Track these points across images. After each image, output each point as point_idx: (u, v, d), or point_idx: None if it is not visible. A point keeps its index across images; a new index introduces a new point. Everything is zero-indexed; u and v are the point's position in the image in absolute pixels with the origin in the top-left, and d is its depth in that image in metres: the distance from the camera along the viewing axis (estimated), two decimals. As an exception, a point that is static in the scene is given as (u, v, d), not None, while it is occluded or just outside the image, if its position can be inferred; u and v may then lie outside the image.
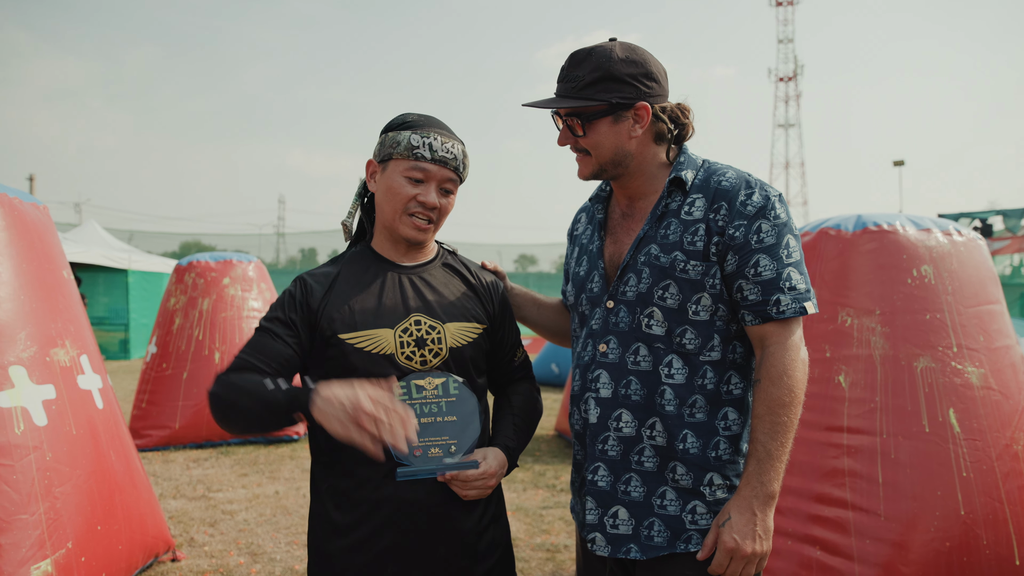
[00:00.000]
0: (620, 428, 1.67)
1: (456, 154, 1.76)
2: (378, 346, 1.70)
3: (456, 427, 1.72)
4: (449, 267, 1.88)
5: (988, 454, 2.94)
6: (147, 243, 30.07)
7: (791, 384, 1.57)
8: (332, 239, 33.95)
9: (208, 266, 7.15)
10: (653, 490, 1.65)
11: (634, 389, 1.66)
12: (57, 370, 3.19)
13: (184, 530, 4.50)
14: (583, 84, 1.66)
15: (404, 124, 1.79)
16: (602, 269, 1.76)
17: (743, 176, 1.67)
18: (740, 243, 1.60)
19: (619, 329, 1.69)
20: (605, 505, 1.69)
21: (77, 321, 3.48)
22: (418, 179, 1.73)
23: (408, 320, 1.73)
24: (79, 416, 3.23)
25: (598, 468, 1.70)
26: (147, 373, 6.88)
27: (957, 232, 3.33)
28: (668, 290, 1.64)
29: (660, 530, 1.64)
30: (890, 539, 2.87)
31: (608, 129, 1.68)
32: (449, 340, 1.75)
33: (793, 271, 1.60)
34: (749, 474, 1.57)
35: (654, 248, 1.67)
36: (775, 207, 1.62)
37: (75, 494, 3.07)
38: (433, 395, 1.72)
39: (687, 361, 1.64)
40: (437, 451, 1.70)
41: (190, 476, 5.79)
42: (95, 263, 14.16)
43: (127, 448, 3.64)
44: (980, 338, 3.13)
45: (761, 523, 1.54)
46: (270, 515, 4.85)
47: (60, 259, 3.54)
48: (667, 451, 1.65)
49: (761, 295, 1.59)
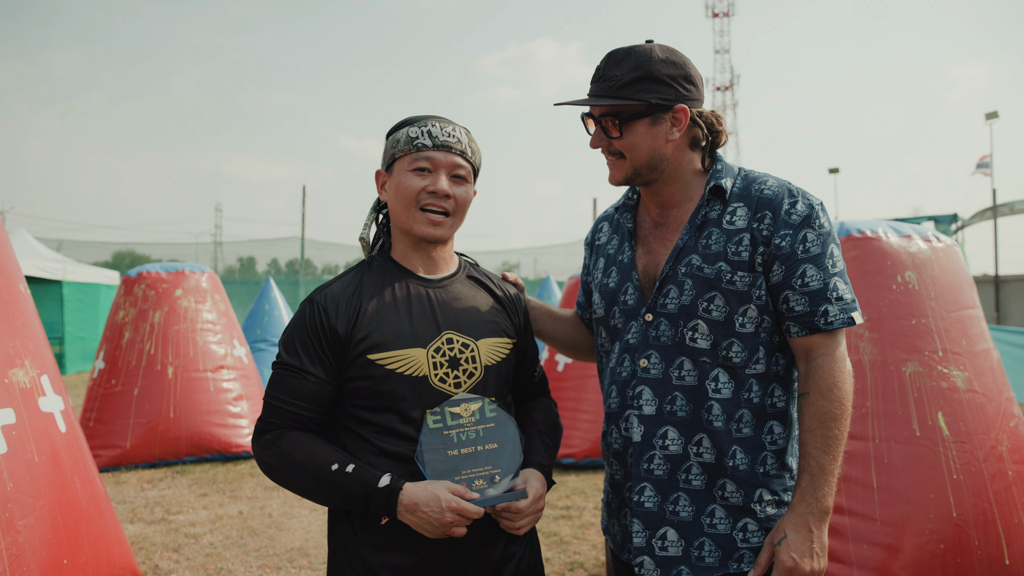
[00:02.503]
0: (666, 446, 1.62)
1: (459, 137, 1.67)
2: (410, 367, 1.60)
3: (496, 454, 1.63)
4: (474, 279, 1.79)
5: (976, 456, 3.00)
6: (77, 252, 28.78)
7: (840, 396, 1.54)
8: (271, 248, 33.11)
9: (159, 277, 6.84)
10: (702, 509, 1.60)
11: (680, 405, 1.61)
12: (17, 392, 2.97)
13: (147, 557, 4.26)
14: (621, 83, 1.60)
15: (401, 123, 1.71)
16: (636, 281, 1.70)
17: (784, 184, 1.64)
18: (787, 253, 1.57)
19: (661, 343, 1.63)
20: (653, 527, 1.63)
21: (36, 338, 3.25)
22: (424, 168, 1.64)
23: (440, 339, 1.64)
24: (41, 441, 3.01)
25: (644, 488, 1.64)
26: (94, 390, 6.53)
27: (936, 238, 3.40)
28: (714, 302, 1.59)
29: (711, 550, 1.59)
30: (886, 543, 2.90)
31: (645, 131, 1.62)
32: (483, 358, 1.67)
33: (839, 281, 1.58)
34: (803, 490, 1.52)
35: (696, 259, 1.62)
36: (819, 216, 1.59)
37: (39, 526, 2.85)
38: (470, 422, 1.62)
39: (733, 375, 1.60)
40: (481, 483, 1.60)
41: (146, 498, 5.50)
42: (27, 274, 13.47)
43: (91, 473, 3.42)
44: (963, 342, 3.19)
45: (818, 540, 1.51)
46: (237, 537, 4.63)
47: (15, 272, 3.31)
48: (716, 468, 1.60)
49: (808, 306, 1.56)
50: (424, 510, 1.49)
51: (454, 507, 1.49)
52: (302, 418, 1.60)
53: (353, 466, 1.54)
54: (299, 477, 1.56)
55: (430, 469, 1.57)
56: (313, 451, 1.56)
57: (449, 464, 1.58)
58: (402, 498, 1.51)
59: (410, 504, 1.50)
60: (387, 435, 1.60)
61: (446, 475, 1.57)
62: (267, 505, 5.33)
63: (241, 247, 46.09)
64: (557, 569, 4.06)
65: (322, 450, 1.57)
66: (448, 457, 1.59)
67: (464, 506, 1.50)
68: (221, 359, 6.81)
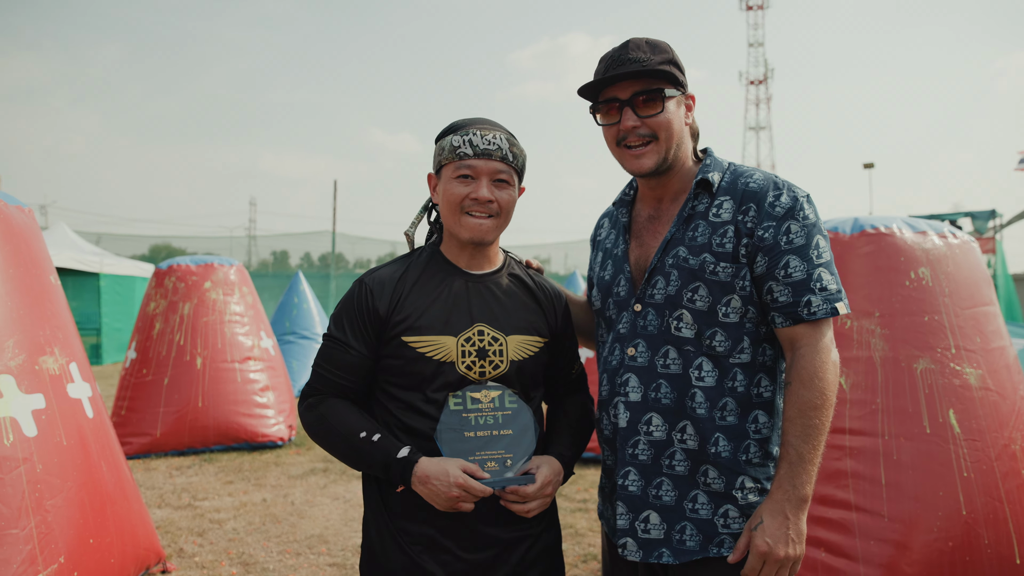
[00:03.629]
0: (651, 432, 1.67)
1: (500, 144, 1.73)
2: (440, 352, 1.70)
3: (511, 440, 1.72)
4: (515, 278, 1.86)
5: (988, 454, 2.98)
6: (116, 246, 29.46)
7: (822, 387, 1.57)
8: (304, 241, 33.56)
9: (189, 270, 7.02)
10: (685, 494, 1.65)
11: (664, 392, 1.66)
12: (46, 379, 3.10)
13: (172, 540, 4.40)
14: (655, 64, 1.64)
15: (447, 130, 1.78)
16: (628, 273, 1.76)
17: (771, 178, 1.67)
18: (770, 244, 1.60)
19: (647, 332, 1.68)
20: (636, 510, 1.68)
21: (65, 328, 3.38)
22: (467, 176, 1.72)
23: (472, 330, 1.73)
24: (69, 426, 3.13)
25: (628, 472, 1.69)
26: (126, 379, 6.73)
27: (952, 235, 3.37)
28: (697, 292, 1.63)
29: (692, 534, 1.63)
30: (893, 539, 2.90)
31: (675, 110, 1.69)
32: (511, 353, 1.75)
33: (824, 271, 1.60)
34: (781, 477, 1.56)
35: (682, 250, 1.66)
36: (803, 208, 1.62)
37: (66, 507, 2.97)
38: (489, 408, 1.72)
39: (717, 364, 1.64)
40: (493, 465, 1.70)
41: (174, 484, 5.67)
42: (65, 266, 13.85)
43: (117, 458, 3.55)
44: (977, 339, 3.17)
45: (794, 527, 1.53)
46: (259, 524, 4.76)
47: (47, 264, 3.44)
48: (699, 455, 1.64)
49: (792, 296, 1.59)
50: (434, 483, 1.61)
51: (460, 483, 1.60)
52: (343, 387, 1.75)
53: (379, 436, 1.68)
54: (332, 439, 1.72)
55: (446, 447, 1.68)
56: (347, 418, 1.72)
57: (465, 445, 1.69)
58: (416, 470, 1.64)
59: (422, 476, 1.63)
60: (412, 412, 1.72)
61: (461, 454, 1.68)
62: (290, 493, 5.45)
63: (274, 241, 46.75)
64: (571, 560, 4.11)
65: (355, 418, 1.72)
66: (464, 438, 1.69)
67: (470, 483, 1.61)
68: (248, 350, 6.97)
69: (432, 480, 1.61)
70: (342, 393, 1.76)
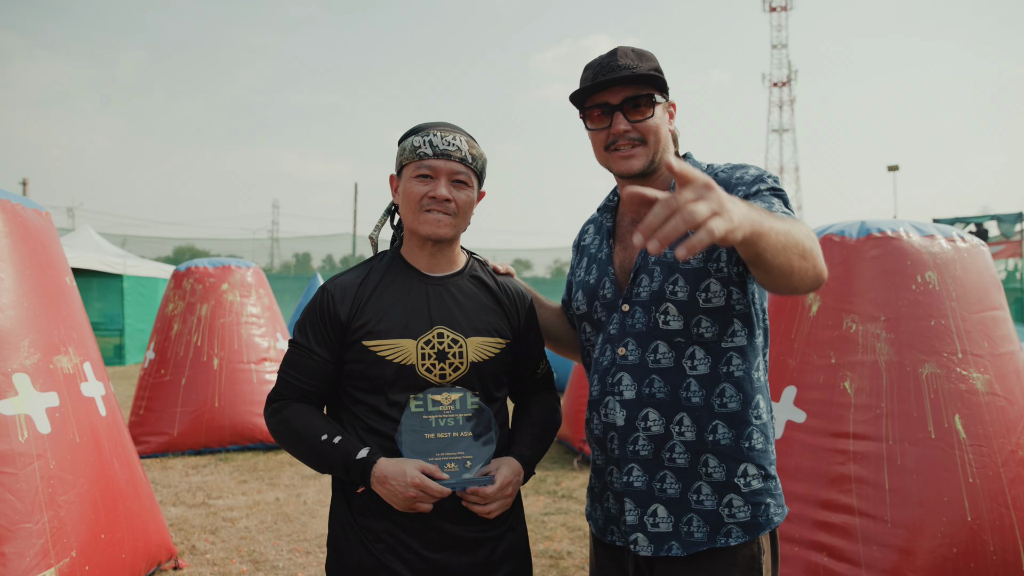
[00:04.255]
0: (648, 427, 1.69)
1: (459, 146, 1.76)
2: (399, 356, 1.72)
3: (471, 442, 1.74)
4: (476, 279, 1.88)
5: (994, 460, 2.95)
6: (141, 248, 29.93)
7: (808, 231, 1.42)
8: (327, 244, 33.87)
9: (207, 271, 7.12)
10: (688, 486, 1.67)
11: (658, 387, 1.68)
12: (60, 377, 3.18)
13: (185, 538, 4.48)
14: (644, 70, 1.69)
15: (409, 132, 1.81)
16: (613, 275, 1.79)
17: (736, 164, 1.75)
18: (744, 197, 1.63)
19: (636, 330, 1.71)
20: (643, 505, 1.70)
21: (80, 328, 3.47)
22: (426, 175, 1.75)
23: (431, 332, 1.75)
24: (82, 423, 3.21)
25: (632, 469, 1.71)
26: (145, 379, 6.84)
27: (960, 238, 3.34)
28: (677, 283, 1.67)
29: (699, 525, 1.66)
30: (897, 545, 2.88)
31: (662, 114, 1.74)
32: (471, 355, 1.77)
33: (783, 207, 1.59)
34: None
35: None
36: (769, 175, 1.68)
37: (79, 502, 3.05)
38: (449, 410, 1.74)
39: (709, 350, 1.67)
40: (453, 466, 1.72)
41: (189, 483, 5.76)
42: (90, 268, 14.10)
43: (129, 455, 3.62)
44: (984, 344, 3.14)
45: (724, 200, 1.20)
46: (271, 522, 4.82)
47: (62, 265, 3.53)
48: (697, 445, 1.66)
49: (747, 189, 1.63)
50: (391, 483, 1.64)
51: (417, 483, 1.63)
52: (306, 392, 1.79)
53: (340, 438, 1.71)
54: (295, 442, 1.76)
55: (406, 449, 1.71)
56: (310, 421, 1.75)
57: (425, 446, 1.71)
58: (375, 470, 1.66)
59: (380, 476, 1.66)
60: (374, 415, 1.75)
61: (421, 456, 1.70)
62: (303, 493, 5.52)
63: (296, 243, 47.16)
64: (578, 562, 4.12)
65: (317, 421, 1.76)
66: (425, 440, 1.72)
67: (427, 483, 1.63)
68: (264, 351, 7.06)
69: (390, 480, 1.64)
70: (306, 398, 1.79)
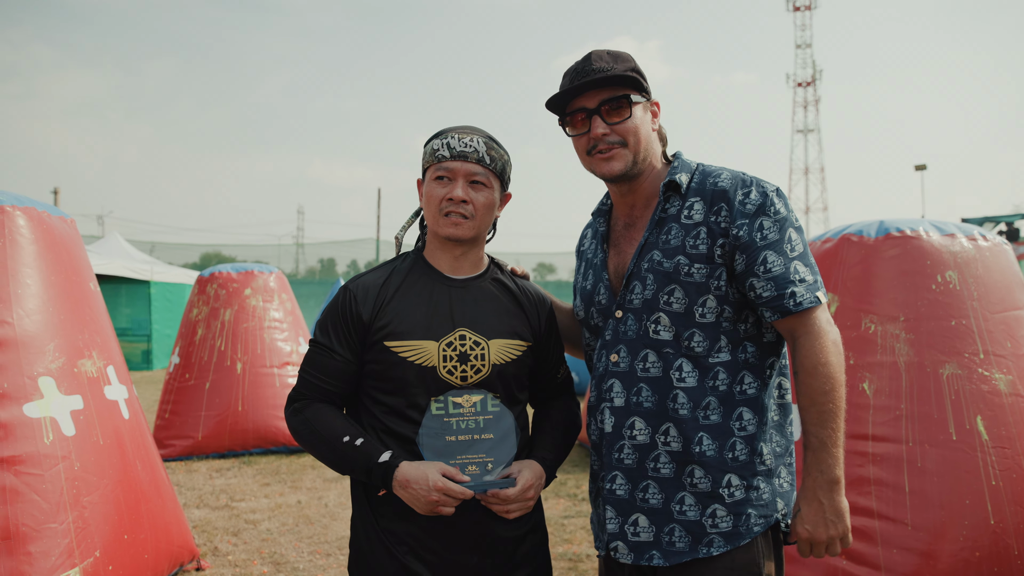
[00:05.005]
0: (634, 436, 1.69)
1: (476, 147, 1.77)
2: (421, 358, 1.73)
3: (493, 445, 1.74)
4: (498, 283, 1.89)
5: (1018, 462, 2.90)
6: (168, 254, 30.37)
7: (828, 371, 1.58)
8: (351, 249, 34.08)
9: (230, 277, 7.22)
10: (671, 496, 1.66)
11: (645, 396, 1.68)
12: (85, 381, 3.24)
13: (208, 539, 4.54)
14: (618, 72, 1.68)
15: (432, 136, 1.84)
16: (607, 280, 1.79)
17: (738, 175, 1.69)
18: (746, 242, 1.62)
19: (628, 337, 1.71)
20: (625, 513, 1.70)
21: (104, 332, 3.53)
22: (444, 177, 1.77)
23: (453, 335, 1.76)
24: (106, 426, 3.27)
25: (616, 477, 1.71)
26: (170, 383, 6.95)
27: (982, 237, 3.29)
28: (673, 295, 1.65)
29: (681, 535, 1.65)
30: (917, 548, 2.84)
31: (642, 115, 1.73)
32: (493, 357, 1.77)
33: (799, 263, 1.62)
34: (808, 465, 1.59)
35: (656, 254, 1.69)
36: (773, 203, 1.64)
37: (102, 503, 3.11)
38: (470, 412, 1.74)
39: (697, 364, 1.65)
40: (474, 468, 1.72)
41: (213, 486, 5.84)
42: (118, 274, 14.35)
43: (152, 458, 3.68)
44: (1007, 344, 3.09)
45: (830, 508, 1.57)
46: (292, 525, 4.87)
47: (87, 271, 3.60)
48: (683, 456, 1.65)
49: (776, 290, 1.61)
50: (414, 487, 1.65)
51: (440, 487, 1.63)
52: (328, 392, 1.79)
53: (362, 440, 1.71)
54: (317, 443, 1.76)
55: (428, 451, 1.71)
56: (331, 423, 1.75)
57: (446, 449, 1.72)
58: (397, 474, 1.67)
59: (403, 480, 1.66)
60: (394, 416, 1.76)
61: (442, 458, 1.71)
62: (324, 496, 5.57)
63: (321, 248, 47.58)
64: (597, 566, 4.11)
65: (339, 423, 1.75)
66: (446, 442, 1.72)
67: (450, 486, 1.64)
68: (287, 356, 7.13)
69: (412, 484, 1.64)
70: (327, 398, 1.79)
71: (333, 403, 1.81)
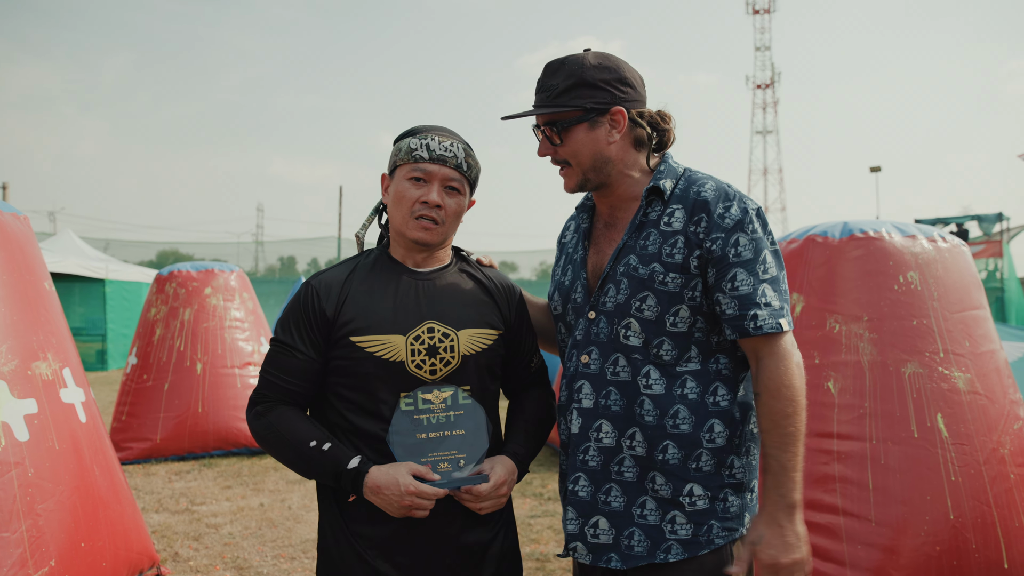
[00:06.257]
0: (600, 439, 1.68)
1: (456, 152, 1.75)
2: (388, 352, 1.70)
3: (464, 440, 1.72)
4: (465, 272, 1.87)
5: (976, 458, 2.97)
6: (124, 252, 29.64)
7: (790, 394, 1.57)
8: (312, 247, 33.66)
9: (189, 275, 7.06)
10: (633, 500, 1.66)
11: (614, 400, 1.67)
12: (39, 384, 3.13)
13: (168, 545, 4.43)
14: (557, 92, 1.67)
15: (406, 133, 1.80)
16: (584, 279, 1.77)
17: (722, 187, 1.67)
18: (718, 256, 1.61)
19: (599, 340, 1.70)
20: (585, 515, 1.69)
21: (59, 333, 3.42)
22: (420, 179, 1.74)
23: (421, 327, 1.73)
24: (62, 431, 3.16)
25: (579, 478, 1.70)
26: (127, 384, 6.77)
27: (941, 239, 3.37)
28: (646, 301, 1.64)
29: (640, 539, 1.64)
30: (881, 544, 2.89)
31: (585, 136, 1.68)
32: (462, 348, 1.75)
33: (768, 287, 1.60)
34: (768, 489, 1.57)
35: (632, 259, 1.67)
36: (752, 221, 1.62)
37: (58, 511, 3.00)
38: (440, 408, 1.72)
39: (664, 372, 1.64)
40: (446, 466, 1.70)
41: (172, 489, 5.70)
42: (71, 272, 13.95)
43: (111, 462, 3.57)
44: (966, 343, 3.16)
45: (791, 532, 1.54)
46: (255, 528, 4.78)
47: (41, 270, 3.48)
48: (647, 461, 1.65)
49: (738, 310, 1.59)
50: (385, 492, 1.62)
51: (412, 490, 1.61)
52: (290, 392, 1.73)
53: (329, 445, 1.67)
54: (282, 448, 1.71)
55: (398, 448, 1.68)
56: (297, 426, 1.70)
57: (416, 446, 1.69)
58: (367, 480, 1.63)
59: (373, 486, 1.63)
60: (362, 414, 1.71)
61: (413, 456, 1.68)
62: (288, 498, 5.48)
63: (281, 247, 46.91)
64: (565, 565, 4.11)
65: (305, 426, 1.70)
66: (416, 440, 1.69)
67: (422, 488, 1.62)
68: (248, 356, 7.00)
69: (384, 490, 1.62)
70: (290, 398, 1.74)
71: (296, 403, 1.75)
